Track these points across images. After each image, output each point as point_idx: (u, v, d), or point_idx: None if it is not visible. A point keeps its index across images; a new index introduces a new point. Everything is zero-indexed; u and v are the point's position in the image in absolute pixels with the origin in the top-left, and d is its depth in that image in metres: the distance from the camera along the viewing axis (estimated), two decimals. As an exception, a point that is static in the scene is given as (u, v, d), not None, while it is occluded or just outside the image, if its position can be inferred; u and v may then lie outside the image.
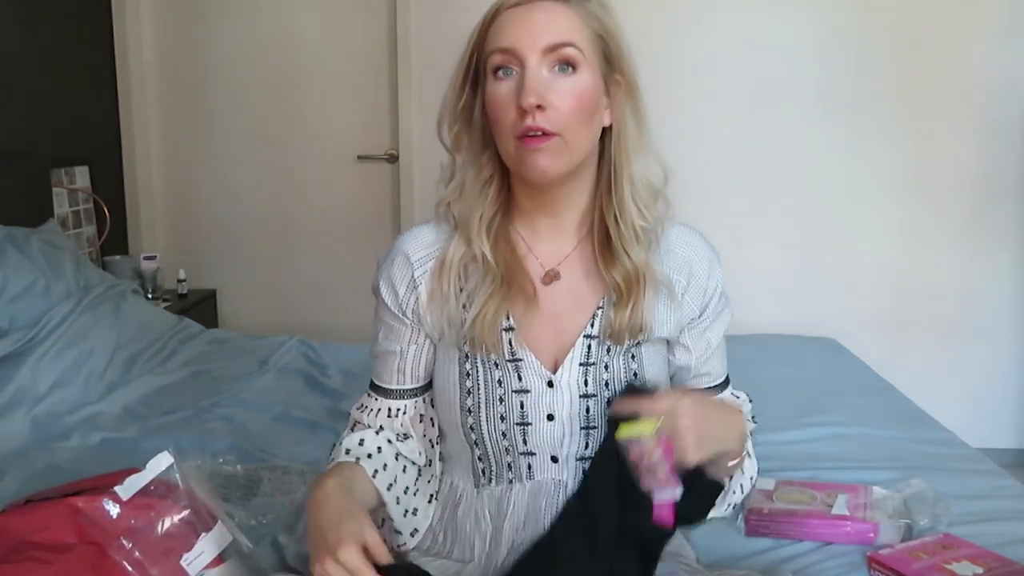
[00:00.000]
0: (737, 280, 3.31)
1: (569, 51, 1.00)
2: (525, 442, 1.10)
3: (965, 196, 3.05)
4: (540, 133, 0.98)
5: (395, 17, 3.13)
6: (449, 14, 3.02)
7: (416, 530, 1.17)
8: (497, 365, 1.09)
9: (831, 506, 1.45)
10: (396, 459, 1.14)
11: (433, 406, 1.18)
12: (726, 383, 1.20)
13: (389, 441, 1.15)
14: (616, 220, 1.07)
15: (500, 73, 1.01)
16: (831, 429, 1.92)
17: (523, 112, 0.98)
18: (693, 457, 0.91)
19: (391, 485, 1.12)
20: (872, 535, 1.39)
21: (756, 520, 1.44)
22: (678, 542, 1.22)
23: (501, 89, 1.01)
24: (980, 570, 1.24)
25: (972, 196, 3.05)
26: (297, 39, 3.26)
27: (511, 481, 1.13)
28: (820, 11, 3.00)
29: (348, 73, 3.25)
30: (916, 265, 3.10)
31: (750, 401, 1.24)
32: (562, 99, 0.99)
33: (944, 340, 3.11)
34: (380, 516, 1.16)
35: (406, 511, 1.15)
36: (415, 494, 1.17)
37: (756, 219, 3.12)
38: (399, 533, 1.15)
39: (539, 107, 0.98)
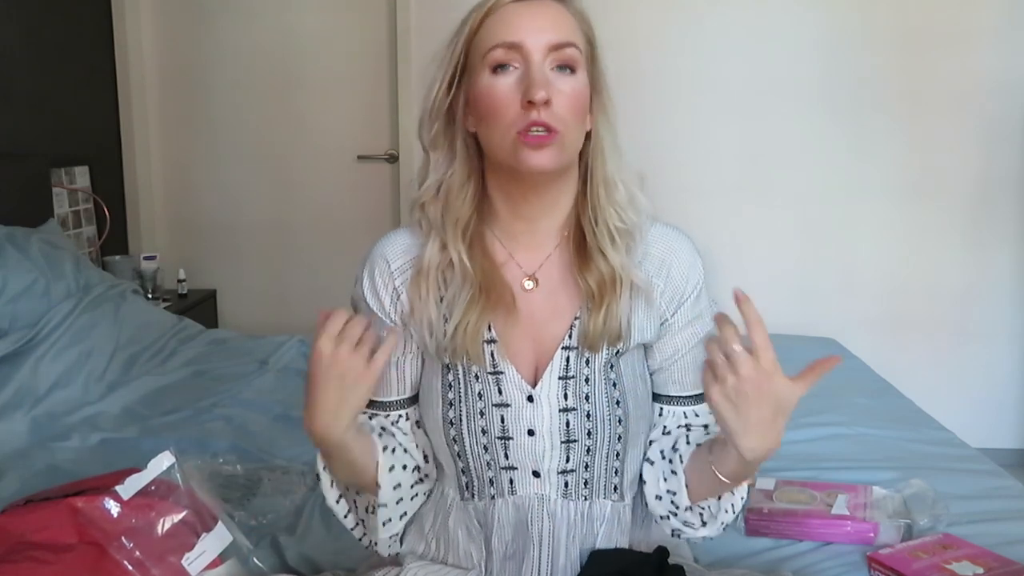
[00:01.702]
0: (738, 280, 3.32)
1: (571, 52, 1.00)
2: (507, 456, 1.09)
3: (965, 196, 3.05)
4: (543, 130, 0.98)
5: (395, 17, 3.13)
6: (449, 14, 2.99)
7: (402, 506, 1.13)
8: (478, 378, 1.08)
9: (831, 506, 1.45)
10: (392, 436, 1.12)
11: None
12: (700, 398, 1.13)
13: (384, 429, 1.13)
14: (592, 223, 1.06)
15: (499, 68, 1.00)
16: (831, 429, 1.91)
17: (529, 106, 0.97)
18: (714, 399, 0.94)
19: (386, 448, 1.09)
20: (872, 535, 1.39)
21: (756, 520, 1.44)
22: (675, 542, 1.22)
23: (501, 83, 1.00)
24: (980, 570, 1.24)
25: (972, 196, 3.05)
26: (297, 39, 3.26)
27: (493, 496, 1.11)
28: (821, 11, 3.01)
29: (348, 73, 3.26)
30: (916, 265, 3.10)
31: None
32: (563, 98, 0.99)
33: (944, 340, 3.11)
34: (362, 508, 1.14)
35: (398, 484, 1.10)
36: (403, 470, 1.12)
37: (756, 219, 3.12)
38: (384, 506, 1.09)
39: (545, 102, 0.97)
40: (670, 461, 1.11)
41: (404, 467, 1.12)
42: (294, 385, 2.28)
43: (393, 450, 1.10)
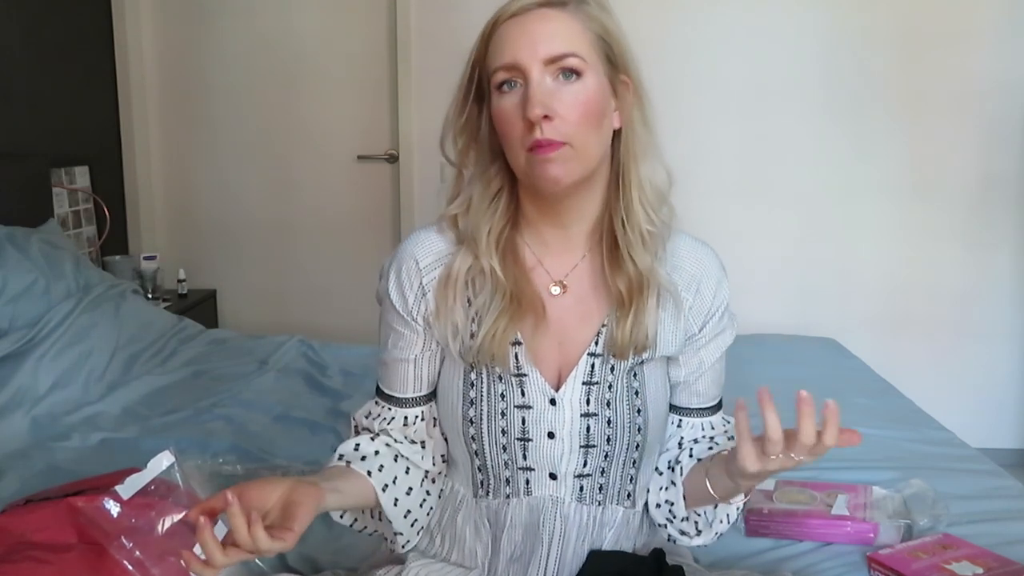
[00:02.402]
0: (737, 280, 3.31)
1: (571, 61, 0.98)
2: (525, 457, 1.09)
3: (965, 196, 3.05)
4: (549, 144, 0.97)
5: (395, 17, 3.13)
6: (449, 14, 3.03)
7: (411, 536, 1.16)
8: (501, 379, 1.08)
9: (831, 506, 1.45)
10: (396, 460, 1.13)
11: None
12: (718, 407, 1.18)
13: (388, 445, 1.13)
14: (623, 225, 1.05)
15: (505, 87, 1.00)
16: (831, 429, 1.91)
17: (530, 125, 0.97)
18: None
19: (387, 486, 1.10)
20: (872, 535, 1.39)
21: (756, 520, 1.44)
22: (675, 547, 1.22)
23: (506, 103, 0.99)
24: (980, 570, 1.24)
25: (972, 196, 3.05)
26: (297, 39, 3.26)
27: (508, 496, 1.12)
28: (820, 11, 3.01)
29: (348, 73, 3.26)
30: (916, 265, 3.10)
31: None
32: (568, 108, 0.98)
33: (944, 340, 3.11)
34: (376, 519, 1.16)
35: (408, 511, 1.13)
36: (409, 493, 1.14)
37: (756, 219, 3.12)
38: (400, 534, 1.13)
39: (546, 117, 0.96)
40: (672, 470, 1.13)
41: (409, 491, 1.13)
42: (294, 385, 2.28)
43: (394, 480, 1.10)
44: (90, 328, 2.23)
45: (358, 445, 1.12)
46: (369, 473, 1.08)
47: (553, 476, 1.10)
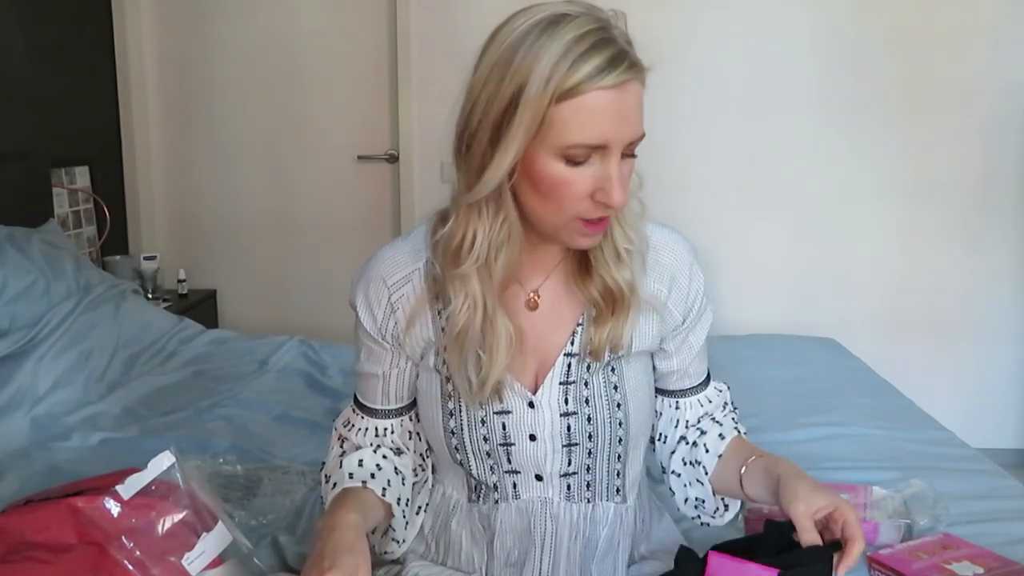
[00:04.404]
0: (738, 280, 3.34)
1: (639, 142, 0.96)
2: (509, 461, 1.10)
3: (965, 196, 3.06)
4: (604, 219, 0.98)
5: (395, 17, 3.13)
6: (449, 15, 3.03)
7: (405, 539, 1.17)
8: None
9: (831, 506, 1.45)
10: (396, 473, 1.14)
11: (419, 422, 1.18)
12: (707, 380, 1.20)
13: (385, 457, 1.14)
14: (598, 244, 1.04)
15: (576, 159, 0.93)
16: (831, 429, 1.91)
17: (601, 204, 0.94)
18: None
19: (399, 499, 1.12)
20: (872, 535, 1.39)
21: (756, 520, 1.44)
22: (675, 539, 1.23)
23: (577, 176, 0.94)
24: (980, 570, 1.24)
25: (972, 196, 3.05)
26: (297, 39, 3.26)
27: (497, 501, 1.12)
28: (820, 11, 3.01)
29: (348, 73, 3.26)
30: (916, 265, 3.10)
31: (728, 388, 1.24)
32: (626, 183, 0.97)
33: (944, 340, 3.12)
34: (384, 527, 1.16)
35: (407, 523, 1.15)
36: (407, 504, 1.17)
37: (756, 219, 3.12)
38: (396, 542, 1.15)
39: None
40: (694, 467, 1.15)
41: (408, 502, 1.15)
42: (294, 385, 2.28)
43: (399, 497, 1.12)
44: (90, 328, 2.23)
45: (362, 461, 1.12)
46: (384, 491, 1.09)
47: (539, 478, 1.10)
